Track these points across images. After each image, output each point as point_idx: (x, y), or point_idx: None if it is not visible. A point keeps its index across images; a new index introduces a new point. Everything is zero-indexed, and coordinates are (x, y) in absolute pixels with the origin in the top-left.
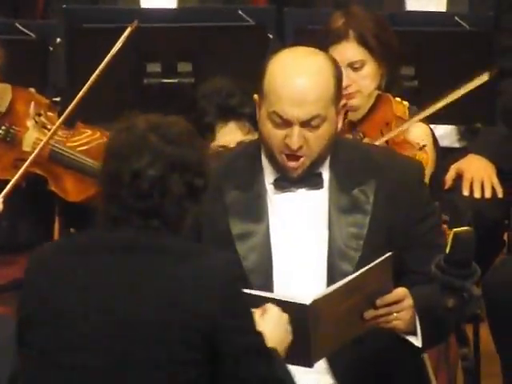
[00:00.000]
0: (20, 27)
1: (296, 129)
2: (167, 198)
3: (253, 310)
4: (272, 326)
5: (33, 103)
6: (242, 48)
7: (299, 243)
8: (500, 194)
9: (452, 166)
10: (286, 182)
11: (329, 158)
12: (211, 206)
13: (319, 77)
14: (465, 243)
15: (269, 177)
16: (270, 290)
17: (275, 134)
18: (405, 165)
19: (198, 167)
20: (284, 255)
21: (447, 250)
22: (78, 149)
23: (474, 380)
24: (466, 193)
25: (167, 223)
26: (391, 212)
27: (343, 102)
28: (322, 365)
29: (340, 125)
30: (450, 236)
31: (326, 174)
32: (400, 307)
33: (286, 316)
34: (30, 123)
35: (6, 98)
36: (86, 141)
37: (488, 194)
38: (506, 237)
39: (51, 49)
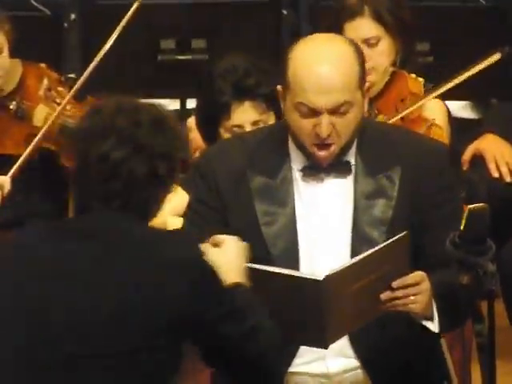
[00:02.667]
0: (35, 3)
1: (325, 117)
2: (130, 180)
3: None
4: (234, 256)
5: (43, 78)
6: (256, 24)
7: (324, 229)
8: None
9: (469, 147)
10: (314, 169)
11: (355, 143)
12: (236, 191)
13: (343, 63)
14: (479, 219)
15: (296, 163)
16: None
17: (303, 125)
18: (429, 149)
19: (164, 152)
20: (309, 241)
21: (462, 226)
22: None
23: (489, 356)
24: (496, 175)
25: (131, 208)
26: (415, 197)
27: (367, 83)
28: (347, 349)
29: (366, 106)
30: (465, 212)
31: (352, 160)
32: (417, 290)
33: (242, 243)
34: (40, 98)
35: (16, 73)
36: None
37: None
38: None
39: (66, 25)
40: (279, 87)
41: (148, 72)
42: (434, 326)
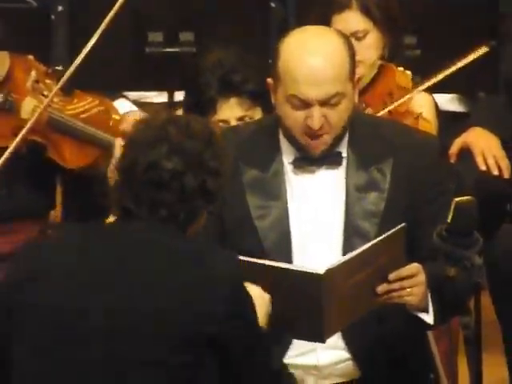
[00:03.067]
0: None
1: (316, 109)
2: (179, 192)
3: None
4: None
5: (31, 70)
6: (245, 17)
7: (316, 221)
8: (507, 174)
9: (456, 140)
10: (305, 161)
11: (347, 135)
12: (229, 185)
13: (334, 55)
14: (466, 212)
15: (287, 156)
16: None
17: (295, 117)
18: (421, 142)
19: (214, 167)
20: (302, 233)
21: (449, 219)
22: (77, 116)
23: (476, 349)
24: (483, 168)
25: (176, 220)
26: (407, 190)
27: (357, 75)
28: (337, 341)
29: (356, 98)
30: (452, 205)
31: (344, 152)
32: (413, 282)
33: (267, 296)
34: (28, 90)
35: (3, 65)
36: (85, 108)
37: (507, 174)
38: (508, 206)
39: (53, 17)
40: (269, 80)
41: (136, 64)
42: (429, 318)
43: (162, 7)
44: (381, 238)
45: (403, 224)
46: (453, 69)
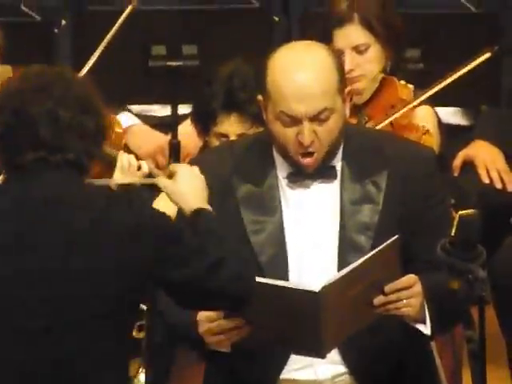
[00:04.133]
0: (25, 9)
1: (306, 125)
2: (81, 135)
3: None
4: (188, 182)
5: None
6: (248, 30)
7: (312, 234)
8: (510, 188)
9: (459, 153)
10: (299, 176)
11: (341, 149)
12: (223, 200)
13: (321, 69)
14: (470, 225)
15: (281, 171)
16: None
17: (286, 134)
18: (416, 154)
19: (99, 108)
20: (297, 247)
21: (452, 233)
22: None
23: (480, 362)
24: (486, 181)
25: (79, 161)
26: (402, 202)
27: (348, 88)
28: (334, 355)
29: (348, 112)
30: (455, 218)
31: (338, 165)
32: (409, 293)
33: (195, 168)
34: None
35: (7, 79)
36: None
37: (510, 188)
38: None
39: (56, 31)
40: (260, 97)
41: (139, 78)
42: (426, 329)
43: (165, 21)
44: (375, 251)
45: (397, 236)
46: (456, 76)
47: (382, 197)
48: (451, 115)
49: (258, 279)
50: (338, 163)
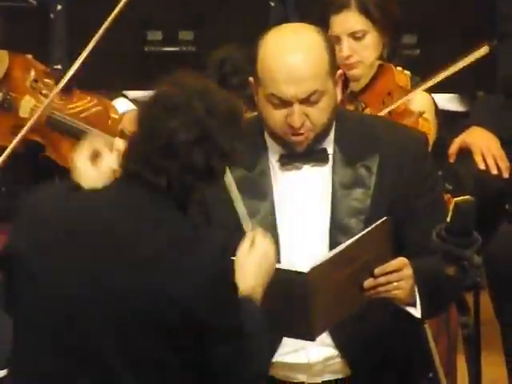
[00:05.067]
0: None
1: (296, 107)
2: (186, 165)
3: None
4: (259, 260)
5: (30, 69)
6: (244, 16)
7: (303, 219)
8: (506, 174)
9: (455, 140)
10: (291, 158)
11: (333, 131)
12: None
13: (312, 51)
14: (465, 212)
15: (273, 154)
16: None
17: (276, 116)
18: (408, 138)
19: (225, 150)
20: (289, 231)
21: (448, 219)
22: (76, 115)
23: (475, 348)
24: (482, 167)
25: (173, 192)
26: (394, 186)
27: (339, 71)
28: (325, 338)
29: (339, 95)
30: (451, 205)
31: (330, 149)
32: (399, 276)
33: (273, 248)
34: (27, 89)
35: (2, 64)
36: (84, 107)
37: (506, 174)
38: (507, 206)
39: (52, 16)
40: (251, 79)
41: (135, 64)
42: (416, 312)
43: (161, 6)
44: (364, 232)
45: (386, 217)
46: (453, 69)
47: (373, 181)
48: (447, 101)
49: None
50: (329, 146)
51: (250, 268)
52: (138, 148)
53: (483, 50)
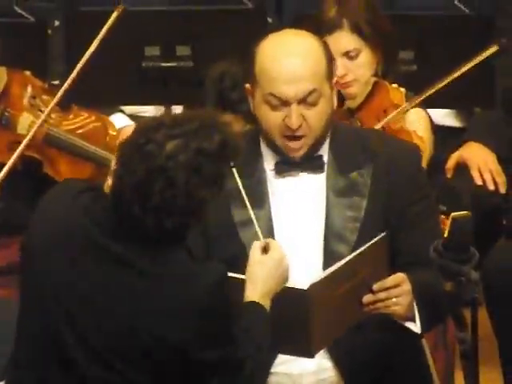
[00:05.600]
0: (18, 10)
1: (294, 107)
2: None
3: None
4: (272, 266)
5: (28, 86)
6: (241, 32)
7: (299, 227)
8: (503, 189)
9: (452, 155)
10: (286, 165)
11: (328, 140)
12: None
13: (310, 54)
14: (463, 227)
15: (269, 162)
16: None
17: (273, 117)
18: (401, 149)
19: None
20: (286, 239)
21: (445, 235)
22: (73, 132)
23: (472, 364)
24: (479, 183)
25: (166, 232)
26: (387, 196)
27: (334, 79)
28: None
29: (335, 103)
30: (448, 220)
31: (325, 157)
32: (398, 292)
33: (286, 256)
34: (24, 106)
35: (1, 80)
36: (82, 124)
37: (503, 190)
38: (504, 221)
39: (49, 32)
40: (247, 86)
41: (133, 79)
42: (415, 327)
43: (159, 21)
44: (363, 247)
45: (385, 233)
46: (463, 69)
47: (367, 189)
48: (444, 117)
49: (244, 277)
50: (325, 154)
51: (263, 275)
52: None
53: (492, 49)
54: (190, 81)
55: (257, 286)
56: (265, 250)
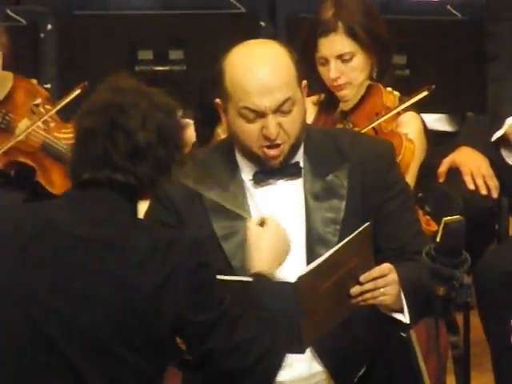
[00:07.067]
0: (11, 14)
1: (270, 118)
2: (149, 162)
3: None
4: (270, 239)
5: (32, 94)
6: (234, 35)
7: None
8: (496, 194)
9: (445, 160)
10: (265, 174)
11: (302, 145)
12: (191, 209)
13: (279, 63)
14: (455, 232)
15: (246, 173)
16: None
17: (250, 130)
18: (373, 147)
19: (178, 140)
20: None
21: (437, 239)
22: (70, 142)
23: (464, 368)
24: (472, 187)
25: (137, 187)
26: (364, 194)
27: (304, 82)
28: (309, 353)
29: (306, 107)
30: (441, 225)
31: (301, 163)
32: (385, 282)
33: (283, 228)
34: (26, 113)
35: (6, 85)
36: None
37: (495, 194)
38: (496, 226)
39: (42, 35)
40: (218, 100)
41: None
42: (404, 318)
43: (152, 26)
44: (348, 238)
45: (368, 223)
46: (398, 109)
47: (345, 190)
48: (437, 121)
49: (230, 277)
50: (300, 160)
51: (266, 247)
52: (95, 153)
53: (423, 93)
54: (183, 85)
55: (262, 256)
56: (261, 225)
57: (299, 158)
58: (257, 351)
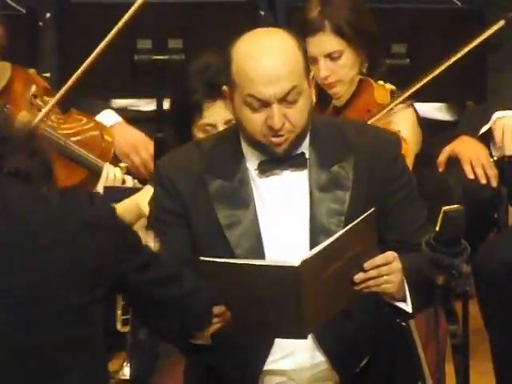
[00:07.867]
0: (10, 2)
1: (275, 107)
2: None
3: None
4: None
5: (31, 85)
6: (233, 25)
7: (285, 224)
8: (495, 183)
9: (444, 149)
10: (270, 164)
11: (308, 136)
12: (196, 196)
13: (286, 52)
14: (454, 221)
15: (252, 162)
16: None
17: (255, 119)
18: (379, 139)
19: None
20: (273, 237)
21: (437, 228)
22: (70, 136)
23: (463, 357)
24: (471, 176)
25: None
26: (369, 186)
27: (311, 74)
28: (312, 343)
29: (314, 97)
30: (440, 214)
31: (306, 153)
32: (389, 269)
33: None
34: (25, 104)
35: (4, 76)
36: (79, 130)
37: (495, 183)
38: (496, 215)
39: (41, 24)
40: (225, 88)
41: (124, 72)
42: (407, 307)
43: (151, 15)
44: (352, 224)
45: (373, 209)
46: (470, 46)
47: (350, 182)
48: (436, 111)
49: (232, 260)
50: (306, 151)
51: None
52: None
53: (499, 24)
54: (182, 74)
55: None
56: None
57: (305, 148)
58: (190, 283)
